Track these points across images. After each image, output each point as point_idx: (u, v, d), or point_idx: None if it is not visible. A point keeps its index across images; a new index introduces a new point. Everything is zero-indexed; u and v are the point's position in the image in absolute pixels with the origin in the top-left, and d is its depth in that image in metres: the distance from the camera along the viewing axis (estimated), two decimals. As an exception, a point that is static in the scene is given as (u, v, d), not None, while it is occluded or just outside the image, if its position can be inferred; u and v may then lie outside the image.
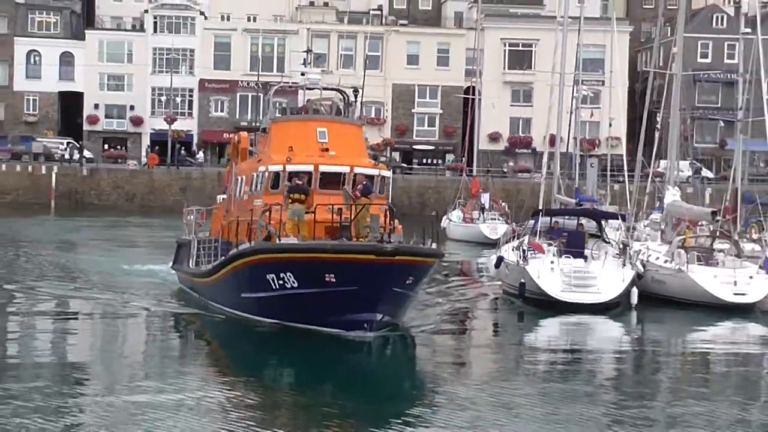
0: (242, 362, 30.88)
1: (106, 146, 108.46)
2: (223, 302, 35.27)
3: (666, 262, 47.25)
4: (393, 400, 25.93)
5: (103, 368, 29.84)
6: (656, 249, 49.70)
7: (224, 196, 43.69)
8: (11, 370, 30.09)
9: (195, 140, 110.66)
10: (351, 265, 29.53)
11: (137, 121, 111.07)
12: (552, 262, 43.79)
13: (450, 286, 48.34)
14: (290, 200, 31.94)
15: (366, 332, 30.65)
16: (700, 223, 52.76)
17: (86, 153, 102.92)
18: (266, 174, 34.41)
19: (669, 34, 76.97)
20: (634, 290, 44.44)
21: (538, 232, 47.27)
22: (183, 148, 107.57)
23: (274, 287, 31.27)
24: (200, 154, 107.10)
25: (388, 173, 37.38)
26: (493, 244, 56.57)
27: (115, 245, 68.29)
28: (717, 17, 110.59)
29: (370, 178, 34.63)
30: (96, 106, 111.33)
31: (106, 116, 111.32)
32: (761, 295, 44.57)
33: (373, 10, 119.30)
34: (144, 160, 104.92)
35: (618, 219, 52.24)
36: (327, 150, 34.79)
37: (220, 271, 34.73)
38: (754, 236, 52.34)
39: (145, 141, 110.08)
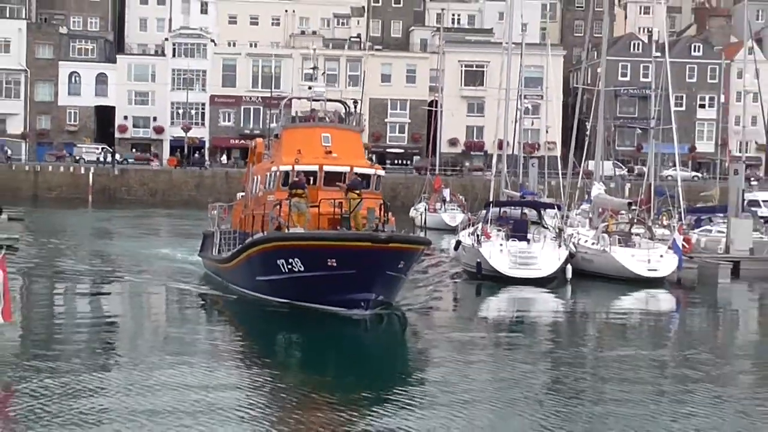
0: (255, 335, 30.69)
1: (134, 150, 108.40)
2: (241, 284, 34.57)
3: (593, 244, 47.76)
4: (385, 368, 25.97)
5: (137, 335, 29.92)
6: (585, 233, 50.21)
7: (243, 194, 42.68)
8: (57, 333, 30.78)
9: (207, 145, 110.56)
10: (350, 252, 29.04)
11: (159, 130, 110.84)
12: (501, 245, 44.56)
13: (418, 266, 47.29)
14: (291, 195, 31.24)
15: (363, 310, 29.97)
16: (620, 212, 53.66)
17: (117, 156, 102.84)
18: (278, 173, 33.93)
19: (595, 57, 77.71)
20: (568, 267, 45.03)
21: (489, 220, 48.10)
22: (197, 151, 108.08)
23: (283, 271, 30.66)
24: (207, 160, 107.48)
25: (382, 172, 36.77)
26: (453, 230, 57.11)
27: (143, 233, 67.97)
28: (634, 43, 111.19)
29: (367, 176, 34.30)
30: (125, 118, 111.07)
31: (134, 126, 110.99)
32: (669, 270, 45.24)
33: (353, 37, 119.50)
34: (165, 162, 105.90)
35: (554, 209, 52.70)
36: (330, 152, 34.24)
37: (238, 257, 34.14)
38: (665, 223, 52.90)
39: (166, 147, 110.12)
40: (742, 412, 22.84)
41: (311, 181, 32.95)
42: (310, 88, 40.01)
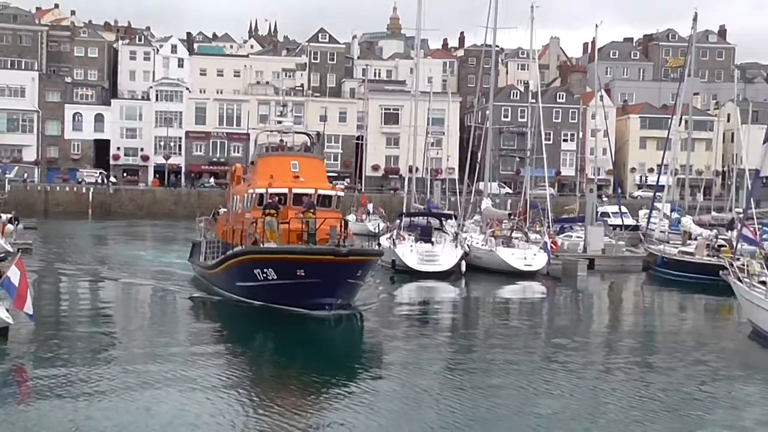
0: (233, 330, 29.19)
1: (125, 174, 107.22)
2: (224, 288, 32.70)
3: (482, 245, 48.20)
4: (346, 359, 24.71)
5: (131, 325, 29.17)
6: (476, 237, 50.27)
7: (225, 210, 40.44)
8: (63, 320, 30.25)
9: (183, 170, 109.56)
10: (316, 264, 27.69)
11: (145, 158, 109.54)
12: (411, 246, 44.79)
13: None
14: (265, 214, 29.62)
15: (327, 311, 28.27)
16: (503, 221, 54.04)
17: (112, 179, 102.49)
18: (254, 195, 32.19)
19: (484, 103, 78.05)
20: (463, 263, 45.41)
21: (402, 227, 48.23)
22: (175, 175, 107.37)
23: (259, 278, 29.11)
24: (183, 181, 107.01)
25: (341, 194, 35.10)
26: (375, 236, 57.12)
27: (132, 239, 67.44)
28: (513, 92, 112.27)
29: (329, 197, 32.67)
30: (118, 149, 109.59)
31: (125, 155, 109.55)
32: (541, 265, 45.68)
33: (297, 86, 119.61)
34: (150, 183, 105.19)
35: (453, 219, 52.67)
36: (298, 177, 32.70)
37: (221, 266, 32.43)
38: (537, 229, 53.39)
39: (151, 171, 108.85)
40: (596, 364, 23.53)
41: (283, 201, 31.27)
42: (280, 122, 38.64)
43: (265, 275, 28.84)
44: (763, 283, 29.65)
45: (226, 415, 17.47)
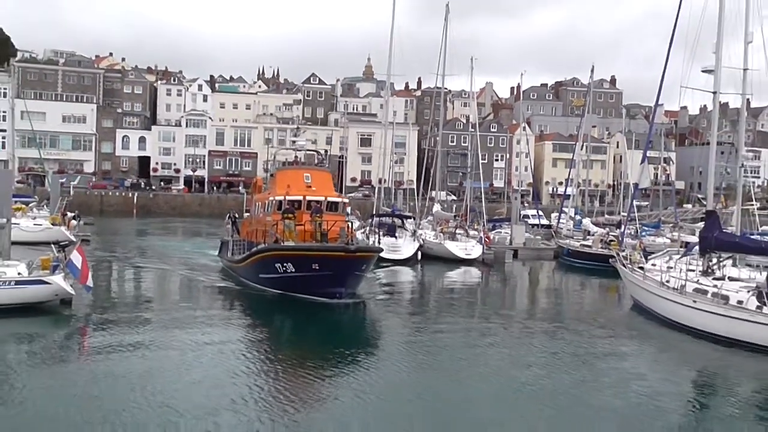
0: (257, 313, 26.39)
1: (162, 183, 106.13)
2: (249, 279, 30.45)
3: (434, 239, 48.50)
4: (354, 341, 22.50)
5: (169, 301, 27.91)
6: (429, 233, 50.44)
7: (248, 214, 38.42)
8: (108, 296, 30.22)
9: (206, 180, 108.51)
10: (328, 259, 26.00)
11: (177, 171, 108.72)
12: (380, 240, 44.88)
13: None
14: (284, 218, 27.94)
15: (338, 299, 26.41)
16: (449, 221, 54.32)
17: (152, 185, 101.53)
18: (274, 201, 30.37)
19: (436, 131, 78.39)
20: (419, 253, 45.42)
21: (373, 225, 48.45)
22: (200, 184, 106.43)
23: (280, 271, 27.22)
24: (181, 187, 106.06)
25: (347, 200, 33.41)
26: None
27: (168, 232, 66.75)
28: (458, 123, 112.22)
29: (336, 203, 30.71)
30: (157, 163, 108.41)
31: (162, 168, 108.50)
32: (477, 254, 46.03)
33: (294, 117, 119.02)
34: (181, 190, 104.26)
35: (412, 219, 52.68)
36: (310, 187, 30.82)
37: (248, 260, 30.24)
38: (475, 227, 53.85)
39: (182, 181, 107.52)
40: (520, 328, 23.68)
41: (298, 207, 29.36)
42: (294, 142, 36.19)
43: (284, 268, 27.12)
44: (641, 268, 30.20)
45: (246, 377, 16.71)
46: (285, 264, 26.99)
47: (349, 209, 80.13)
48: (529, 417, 14.76)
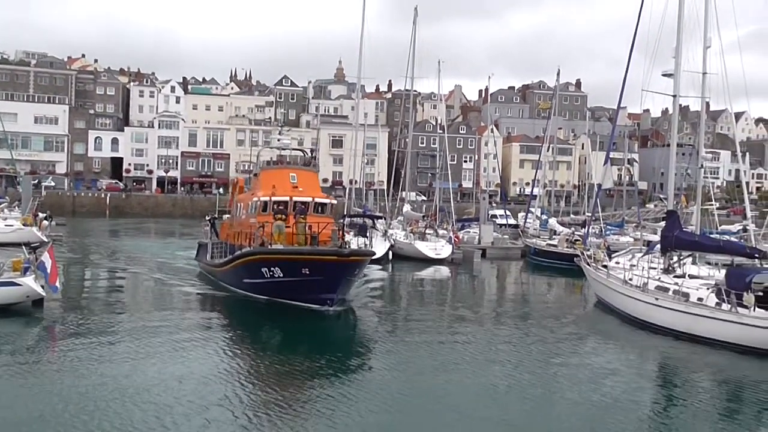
0: (240, 321, 24.50)
1: (134, 183, 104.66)
2: (231, 284, 28.49)
3: (404, 239, 48.58)
4: (345, 347, 21.30)
5: (144, 312, 24.88)
6: (400, 233, 50.57)
7: (228, 215, 36.12)
8: (79, 296, 29.70)
9: (179, 181, 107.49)
10: (320, 263, 23.97)
11: (150, 172, 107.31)
12: (351, 240, 44.62)
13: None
14: (275, 219, 25.97)
15: (329, 306, 24.48)
16: (419, 221, 54.39)
17: (121, 185, 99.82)
18: (259, 202, 28.40)
19: (406, 133, 78.53)
20: (390, 252, 45.43)
21: (345, 225, 48.19)
22: (172, 185, 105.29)
23: (266, 276, 25.15)
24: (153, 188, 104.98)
25: (335, 202, 31.24)
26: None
27: (140, 233, 66.16)
28: (427, 125, 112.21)
29: (324, 205, 29.00)
30: (129, 164, 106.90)
31: (135, 169, 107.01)
32: (447, 254, 46.15)
33: (266, 118, 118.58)
34: (153, 191, 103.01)
35: (383, 219, 52.39)
36: (297, 187, 29.06)
37: (230, 264, 28.05)
38: (444, 227, 54.03)
39: (154, 182, 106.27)
40: (489, 323, 23.82)
41: (285, 208, 27.58)
42: (279, 140, 34.00)
43: (271, 273, 25.02)
44: (604, 267, 30.51)
45: (229, 387, 15.57)
46: (272, 268, 25.03)
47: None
48: (505, 414, 14.85)
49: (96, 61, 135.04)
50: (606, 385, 17.04)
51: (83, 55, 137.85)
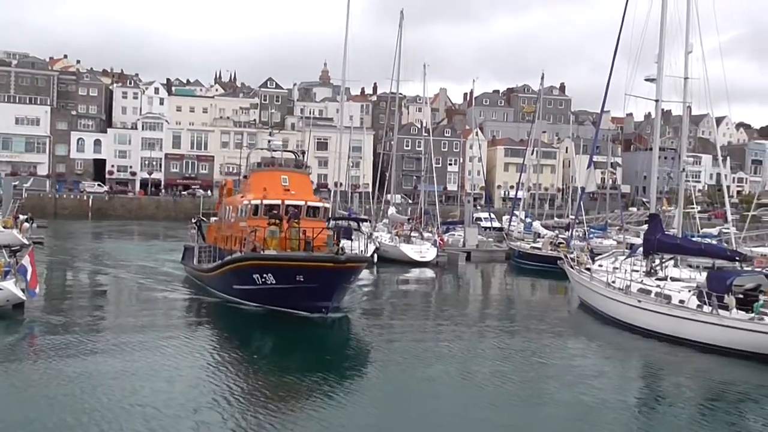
0: (228, 329, 23.41)
1: (117, 185, 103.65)
2: (220, 290, 27.16)
3: (389, 242, 48.65)
4: (332, 350, 20.99)
5: (129, 316, 24.13)
6: (385, 236, 50.61)
7: (215, 218, 34.93)
8: (61, 300, 29.45)
9: (163, 183, 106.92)
10: (315, 270, 22.89)
11: (133, 174, 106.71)
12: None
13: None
14: (270, 224, 24.79)
15: (324, 314, 23.43)
16: (404, 224, 54.46)
17: (105, 188, 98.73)
18: (249, 206, 27.18)
19: (391, 136, 78.78)
20: (376, 255, 45.48)
21: (330, 228, 48.09)
22: (154, 186, 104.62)
23: (257, 282, 24.05)
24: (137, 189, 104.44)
25: (328, 205, 30.60)
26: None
27: (123, 235, 65.61)
28: (412, 128, 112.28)
29: (317, 208, 27.80)
30: (113, 166, 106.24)
31: (118, 171, 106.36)
32: (432, 257, 46.18)
33: (251, 121, 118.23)
34: (137, 193, 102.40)
35: (368, 222, 52.32)
36: (288, 190, 27.93)
37: (219, 269, 26.86)
38: (429, 230, 54.18)
39: (138, 183, 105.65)
40: (473, 326, 23.92)
41: (277, 211, 26.35)
42: (269, 141, 32.95)
43: (263, 279, 23.93)
44: (588, 269, 30.74)
45: (219, 396, 15.01)
46: (264, 275, 23.87)
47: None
48: (497, 416, 14.97)
49: (78, 61, 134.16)
50: (591, 386, 17.18)
51: (65, 56, 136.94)
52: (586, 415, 14.94)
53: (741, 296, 21.72)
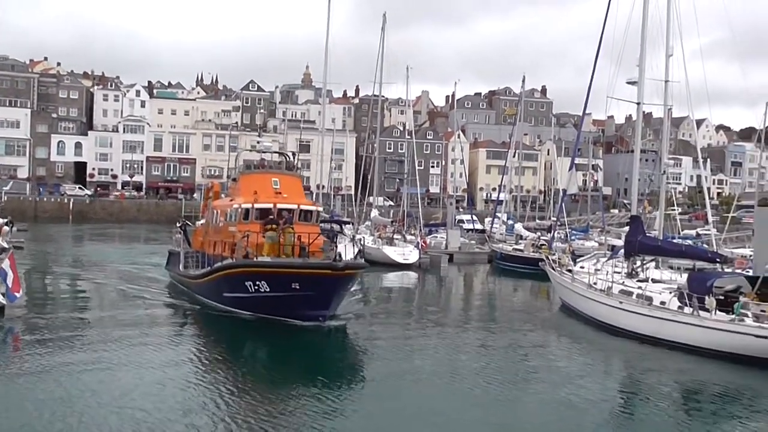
0: (218, 339, 21.96)
1: (99, 188, 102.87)
2: (209, 297, 25.86)
3: (372, 244, 48.44)
4: (317, 354, 20.48)
5: (114, 323, 22.86)
6: (368, 238, 50.33)
7: (201, 222, 33.75)
8: (42, 304, 29.08)
9: (144, 186, 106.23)
10: (312, 278, 21.84)
11: (114, 177, 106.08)
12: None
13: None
14: (266, 229, 23.81)
15: (321, 323, 22.40)
16: (387, 226, 54.39)
17: (87, 191, 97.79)
18: (240, 210, 26.15)
19: (373, 138, 78.61)
20: (359, 258, 45.45)
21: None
22: (134, 189, 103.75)
23: (250, 290, 22.94)
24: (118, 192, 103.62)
25: (321, 209, 29.68)
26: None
27: (105, 239, 65.07)
28: (394, 131, 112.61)
29: (310, 212, 26.68)
30: (93, 169, 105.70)
31: (99, 174, 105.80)
32: (414, 259, 46.07)
33: (233, 123, 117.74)
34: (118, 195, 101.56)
35: (350, 224, 52.11)
36: (280, 193, 26.66)
37: (209, 276, 25.51)
38: (412, 232, 54.12)
39: (119, 186, 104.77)
40: (455, 327, 23.90)
41: (269, 215, 25.12)
42: (258, 143, 31.63)
43: (257, 287, 22.84)
44: (569, 271, 30.85)
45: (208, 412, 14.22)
46: (258, 282, 22.81)
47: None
48: (486, 416, 14.97)
49: (59, 64, 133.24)
50: (572, 386, 17.24)
51: (45, 58, 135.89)
52: (567, 414, 14.99)
53: (721, 298, 21.86)
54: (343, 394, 16.13)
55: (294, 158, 35.40)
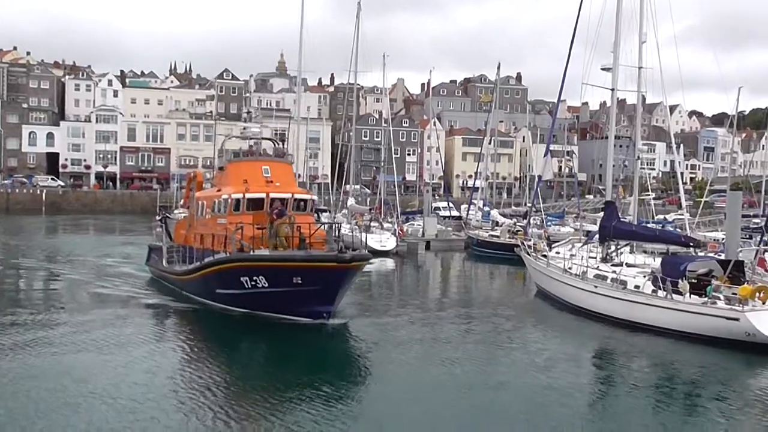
0: (211, 339, 20.77)
1: (72, 179, 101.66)
2: (198, 294, 24.62)
3: (350, 231, 48.51)
4: (301, 345, 19.65)
5: (93, 322, 21.38)
6: (346, 226, 50.26)
7: (182, 212, 32.34)
8: (22, 296, 28.66)
9: (118, 176, 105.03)
10: (317, 271, 20.61)
11: (87, 167, 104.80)
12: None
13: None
14: (271, 221, 22.39)
15: (326, 319, 21.14)
16: (364, 214, 54.36)
17: (60, 182, 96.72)
18: (229, 200, 24.39)
19: (349, 126, 78.32)
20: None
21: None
22: (110, 180, 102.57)
23: (246, 286, 21.58)
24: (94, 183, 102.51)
25: (316, 198, 28.45)
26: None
27: (78, 230, 64.44)
28: (370, 119, 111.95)
29: (305, 201, 25.09)
30: (66, 160, 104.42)
31: (71, 164, 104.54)
32: (392, 246, 46.27)
33: (208, 113, 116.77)
34: (92, 186, 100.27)
35: (327, 212, 52.12)
36: (272, 182, 25.00)
37: (199, 272, 24.10)
38: (390, 220, 54.18)
39: (92, 177, 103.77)
40: (433, 312, 24.01)
41: (260, 206, 23.70)
42: (245, 129, 29.43)
43: (254, 283, 21.49)
44: (544, 256, 31.08)
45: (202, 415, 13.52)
46: (255, 277, 21.44)
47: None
48: (469, 402, 14.98)
49: (29, 53, 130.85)
50: (547, 370, 17.42)
51: (15, 48, 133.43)
52: (543, 398, 15.11)
53: (694, 281, 22.15)
54: (328, 388, 15.81)
55: (283, 145, 33.61)
